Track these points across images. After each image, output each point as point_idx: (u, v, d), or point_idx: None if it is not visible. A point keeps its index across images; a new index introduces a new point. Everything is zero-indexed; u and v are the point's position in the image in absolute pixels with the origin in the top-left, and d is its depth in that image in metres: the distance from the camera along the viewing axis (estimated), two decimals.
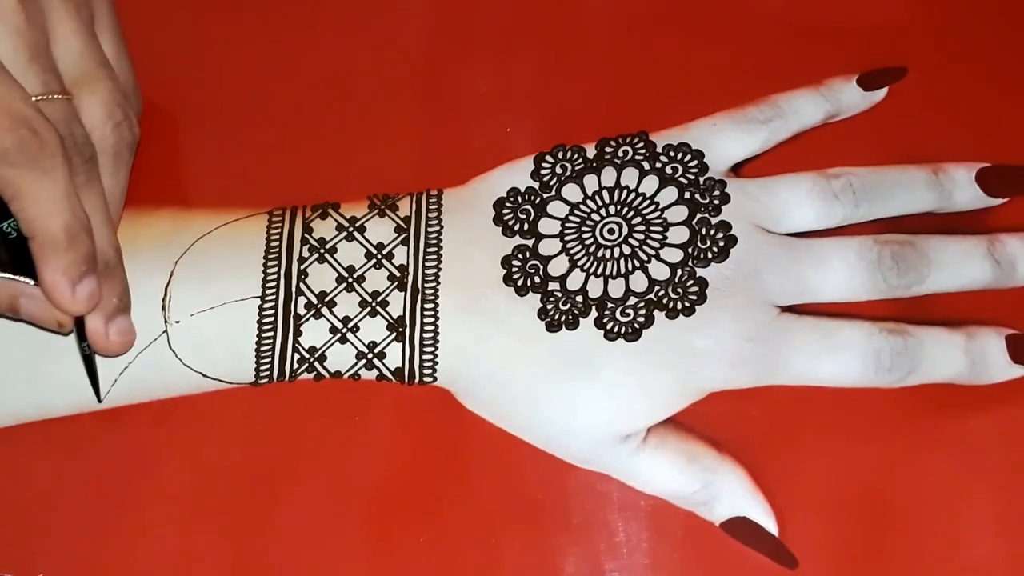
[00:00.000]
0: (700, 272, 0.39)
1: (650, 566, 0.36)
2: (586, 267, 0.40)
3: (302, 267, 0.41)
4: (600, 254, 0.40)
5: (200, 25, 0.46)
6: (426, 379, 0.39)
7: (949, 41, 0.44)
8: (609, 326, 0.39)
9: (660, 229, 0.40)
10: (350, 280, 0.40)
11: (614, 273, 0.40)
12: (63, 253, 0.36)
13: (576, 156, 0.42)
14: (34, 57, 0.36)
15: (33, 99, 0.35)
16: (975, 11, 0.45)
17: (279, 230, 0.41)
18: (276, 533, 0.38)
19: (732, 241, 0.40)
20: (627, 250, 0.40)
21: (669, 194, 0.41)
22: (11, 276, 0.36)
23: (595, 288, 0.40)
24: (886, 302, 0.39)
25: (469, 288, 0.40)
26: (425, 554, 0.37)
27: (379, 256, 0.41)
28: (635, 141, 0.42)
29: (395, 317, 0.40)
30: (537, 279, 0.40)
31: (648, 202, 0.41)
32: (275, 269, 0.41)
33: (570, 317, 0.39)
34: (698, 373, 0.38)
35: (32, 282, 0.36)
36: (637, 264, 0.40)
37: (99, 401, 0.39)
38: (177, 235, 0.41)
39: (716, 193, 0.41)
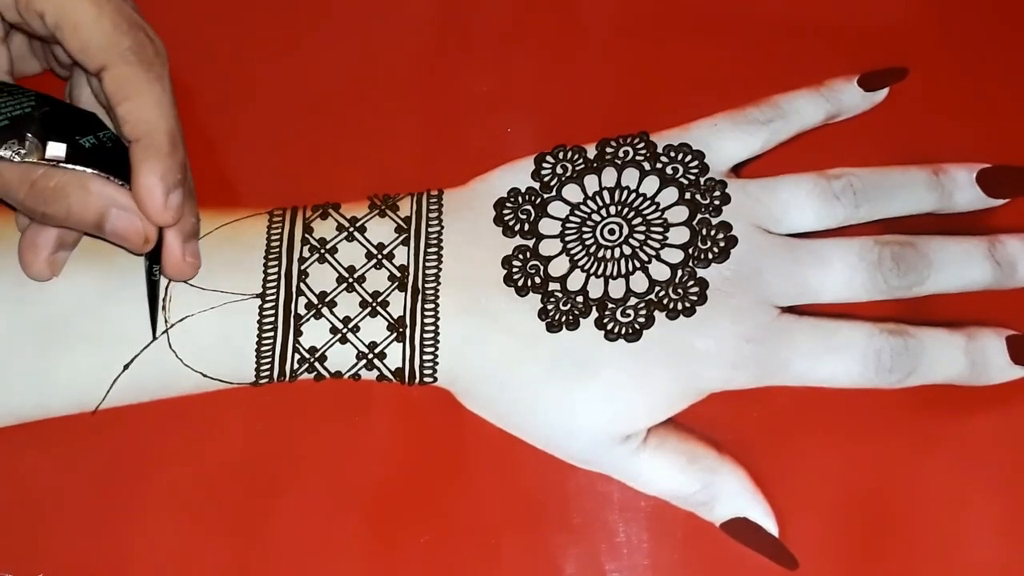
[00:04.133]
0: (701, 273, 0.39)
1: (650, 566, 0.36)
2: (587, 267, 0.40)
3: (302, 267, 0.41)
4: (601, 254, 0.40)
5: (200, 26, 0.46)
6: (426, 379, 0.39)
7: (949, 41, 0.44)
8: (609, 326, 0.39)
9: (661, 230, 0.40)
10: (350, 280, 0.40)
11: (615, 273, 0.40)
12: (164, 157, 0.36)
13: (577, 156, 0.42)
14: None
15: None
16: (975, 11, 0.45)
17: (279, 230, 0.41)
18: (276, 533, 0.37)
19: (733, 242, 0.40)
20: (628, 250, 0.40)
21: (670, 194, 0.41)
22: (111, 177, 0.37)
23: (595, 288, 0.40)
24: (886, 303, 0.39)
25: (469, 288, 0.40)
26: (425, 554, 0.37)
27: (379, 256, 0.41)
28: (636, 141, 0.42)
29: (395, 317, 0.40)
30: (537, 279, 0.40)
31: (649, 202, 0.41)
32: (275, 269, 0.40)
33: (570, 317, 0.39)
34: (698, 374, 0.38)
35: (127, 185, 0.37)
36: (638, 264, 0.40)
37: (153, 338, 0.39)
38: None
39: (717, 194, 0.41)
